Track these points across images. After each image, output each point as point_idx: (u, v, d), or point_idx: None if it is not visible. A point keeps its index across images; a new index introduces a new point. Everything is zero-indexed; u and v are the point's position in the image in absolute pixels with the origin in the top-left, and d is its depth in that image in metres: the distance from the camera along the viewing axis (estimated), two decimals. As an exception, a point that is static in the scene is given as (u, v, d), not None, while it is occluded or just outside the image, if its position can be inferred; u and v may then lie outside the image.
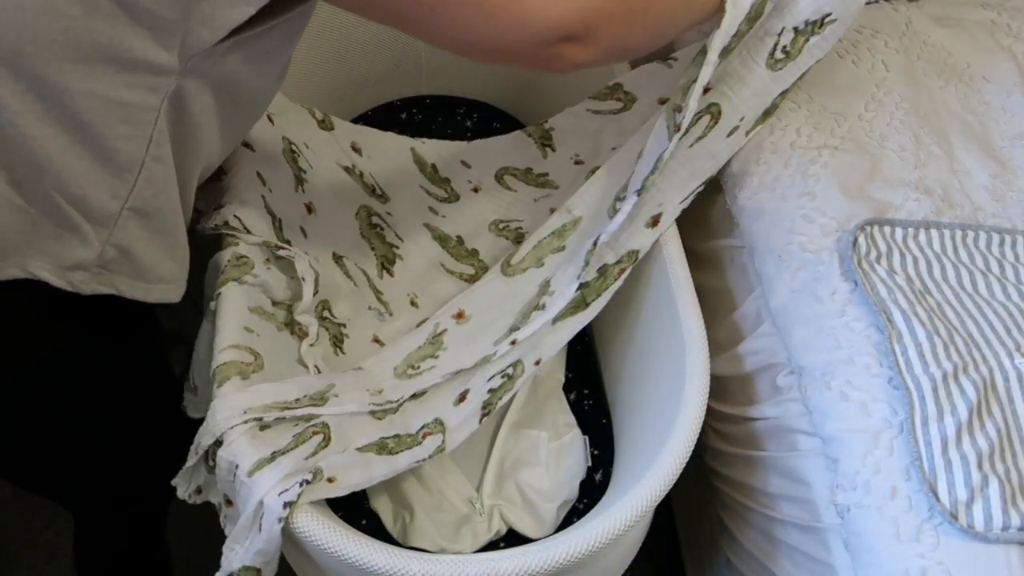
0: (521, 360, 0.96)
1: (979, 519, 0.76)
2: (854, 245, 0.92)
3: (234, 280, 0.88)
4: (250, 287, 0.91)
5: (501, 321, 1.00)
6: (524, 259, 1.02)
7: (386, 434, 0.88)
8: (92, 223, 0.72)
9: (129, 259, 0.76)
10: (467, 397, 0.93)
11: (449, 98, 1.40)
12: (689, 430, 0.79)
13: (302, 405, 0.83)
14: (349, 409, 0.87)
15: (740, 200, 1.04)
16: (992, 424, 0.81)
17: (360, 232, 1.12)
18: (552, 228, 1.01)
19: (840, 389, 0.85)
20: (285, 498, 0.71)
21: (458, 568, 0.68)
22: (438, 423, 0.92)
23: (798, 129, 1.07)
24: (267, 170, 1.02)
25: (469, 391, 0.94)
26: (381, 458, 0.85)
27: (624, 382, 1.06)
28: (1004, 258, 0.96)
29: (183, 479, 0.84)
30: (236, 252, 0.91)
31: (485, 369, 0.95)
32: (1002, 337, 0.87)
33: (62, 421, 0.82)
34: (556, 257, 1.00)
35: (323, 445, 0.81)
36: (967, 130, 1.12)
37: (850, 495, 0.81)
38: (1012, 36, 1.26)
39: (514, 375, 0.95)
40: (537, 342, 0.96)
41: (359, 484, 0.80)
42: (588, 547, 0.70)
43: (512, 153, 1.20)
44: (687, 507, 1.26)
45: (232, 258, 0.90)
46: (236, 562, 0.73)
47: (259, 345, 0.87)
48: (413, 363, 0.99)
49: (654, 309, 0.98)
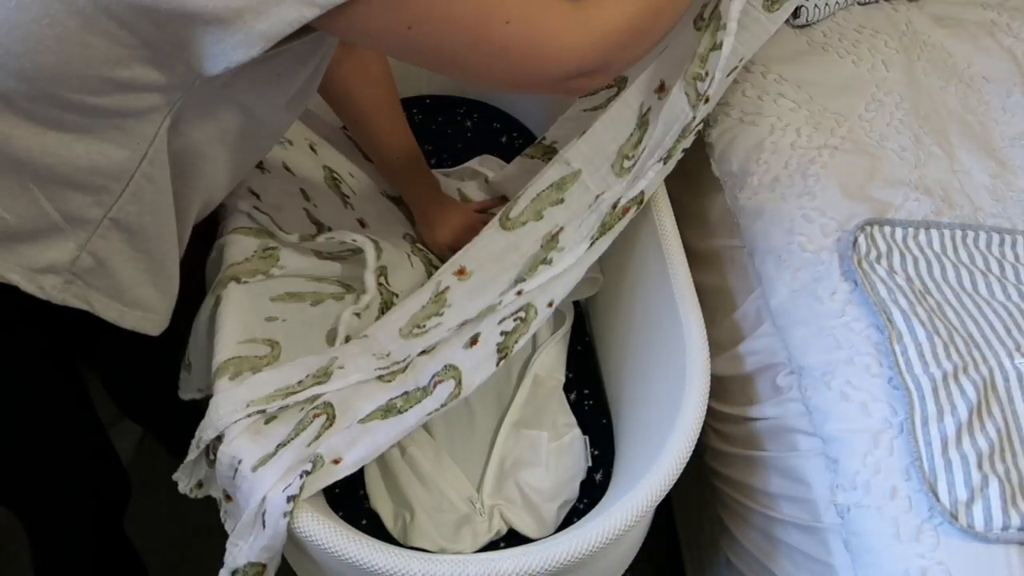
0: (532, 303, 0.95)
1: (979, 519, 0.76)
2: (854, 245, 0.92)
3: (260, 272, 0.89)
4: (273, 280, 0.91)
5: (504, 275, 0.99)
6: (523, 212, 1.00)
7: (394, 395, 0.87)
8: (70, 223, 0.71)
9: (106, 273, 0.75)
10: (479, 340, 0.92)
11: (449, 98, 1.40)
12: (689, 430, 0.79)
13: (305, 387, 0.83)
14: (354, 379, 0.86)
15: (740, 200, 1.04)
16: (992, 424, 0.81)
17: (408, 253, 1.14)
18: (551, 180, 1.00)
19: (840, 389, 0.85)
20: (288, 492, 0.71)
21: (458, 568, 0.68)
22: (450, 368, 0.90)
23: (798, 129, 1.07)
24: (311, 190, 1.04)
25: (480, 334, 0.93)
26: (386, 422, 0.84)
27: (624, 382, 1.06)
28: (1004, 258, 0.96)
29: (184, 473, 0.84)
30: (266, 244, 0.91)
31: (492, 316, 0.94)
32: (1002, 337, 0.87)
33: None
34: (555, 210, 1.00)
35: (327, 425, 0.81)
36: (967, 130, 1.12)
37: (850, 495, 0.81)
38: (1012, 36, 1.26)
39: (527, 318, 0.94)
40: (546, 286, 0.96)
41: (366, 457, 0.80)
42: (588, 547, 0.70)
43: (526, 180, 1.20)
44: (687, 507, 1.26)
45: (260, 249, 0.91)
46: (241, 558, 0.73)
47: (282, 332, 0.87)
48: (418, 323, 0.97)
49: (654, 309, 0.98)
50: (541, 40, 0.68)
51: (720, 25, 0.88)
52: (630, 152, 0.96)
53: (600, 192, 0.96)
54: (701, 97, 0.89)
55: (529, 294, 0.94)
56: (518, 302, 0.94)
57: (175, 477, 0.84)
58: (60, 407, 0.88)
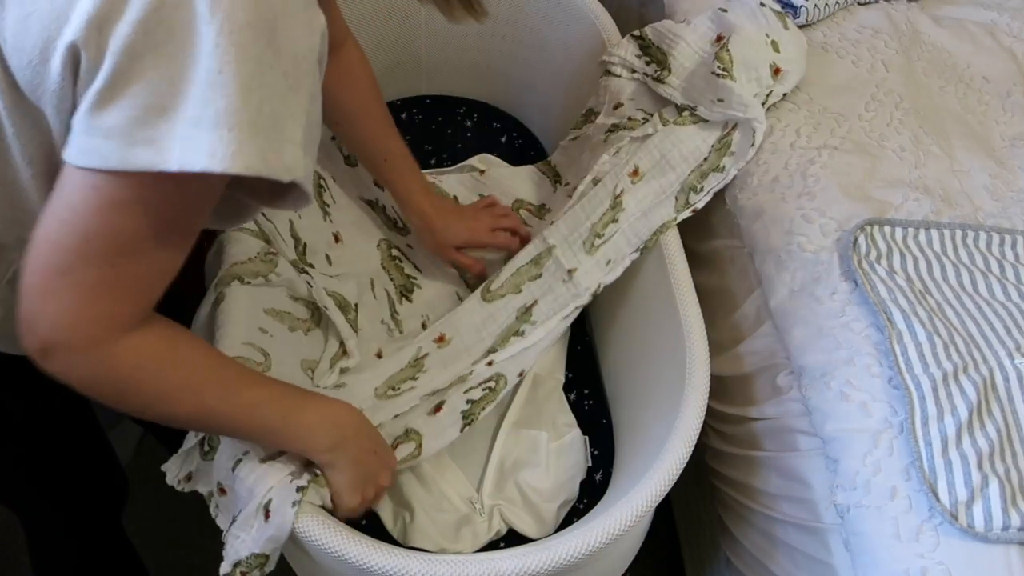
0: (503, 374, 0.99)
1: (979, 519, 0.76)
2: (854, 245, 0.92)
3: (262, 275, 0.89)
4: (270, 287, 0.91)
5: (479, 345, 1.04)
6: (503, 285, 1.07)
7: None
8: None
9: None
10: (442, 408, 0.95)
11: (449, 98, 1.40)
12: (689, 430, 0.79)
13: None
14: None
15: (740, 200, 1.04)
16: (992, 424, 0.81)
17: (381, 263, 1.16)
18: (530, 256, 1.07)
19: (840, 389, 0.85)
20: (298, 483, 0.72)
21: (458, 568, 0.68)
22: (411, 432, 0.93)
23: (798, 129, 1.07)
24: None
25: (444, 403, 0.96)
26: None
27: (624, 382, 1.06)
28: (1004, 258, 0.96)
29: (174, 464, 0.83)
30: (267, 249, 0.91)
31: (459, 386, 0.98)
32: (1002, 337, 0.87)
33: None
34: (532, 284, 1.06)
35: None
36: (967, 130, 1.12)
37: (850, 495, 0.81)
38: (1012, 36, 1.26)
39: (496, 387, 0.98)
40: (517, 357, 1.00)
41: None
42: (588, 547, 0.70)
43: (526, 186, 1.25)
44: (687, 507, 1.26)
45: (262, 252, 0.91)
46: (244, 550, 0.73)
47: (270, 346, 0.87)
48: (394, 384, 1.01)
49: (654, 309, 0.98)
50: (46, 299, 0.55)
51: (728, 152, 1.01)
52: (601, 231, 1.03)
53: (572, 268, 1.03)
54: (690, 207, 1.00)
55: (500, 364, 1.00)
56: (488, 372, 0.99)
57: (164, 467, 0.83)
58: (57, 406, 0.88)
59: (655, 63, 1.09)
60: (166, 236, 0.56)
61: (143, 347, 0.59)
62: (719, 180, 1.02)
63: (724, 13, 1.07)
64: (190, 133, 0.50)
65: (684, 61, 1.06)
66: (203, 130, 0.50)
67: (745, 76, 1.02)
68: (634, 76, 1.12)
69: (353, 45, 1.00)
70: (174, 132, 0.50)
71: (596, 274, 1.01)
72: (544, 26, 1.26)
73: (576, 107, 1.21)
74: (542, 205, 1.24)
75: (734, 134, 1.02)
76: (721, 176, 1.02)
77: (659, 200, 1.01)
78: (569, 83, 1.27)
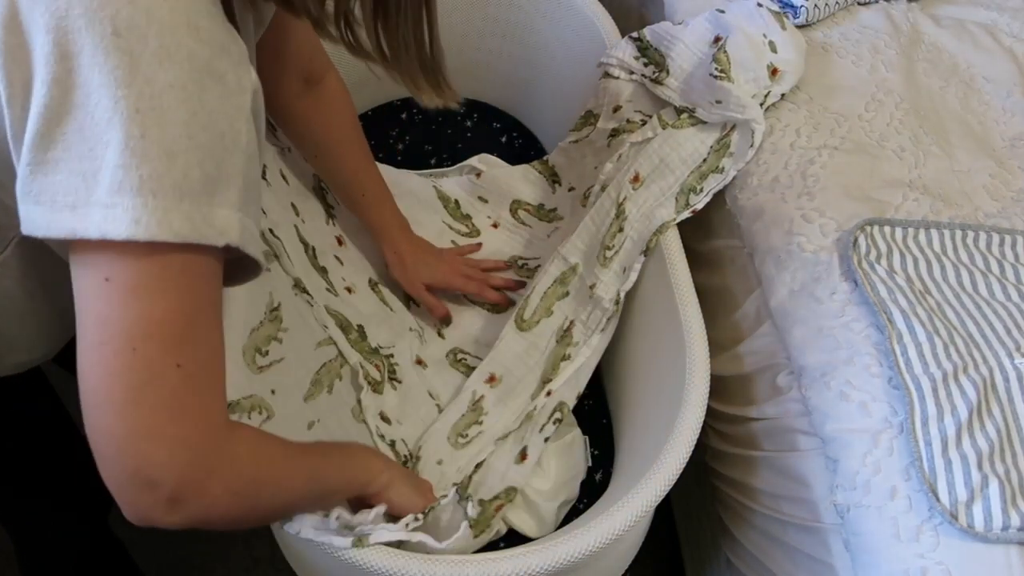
0: (564, 401, 1.01)
1: (979, 519, 0.76)
2: (854, 245, 0.92)
3: (274, 339, 0.87)
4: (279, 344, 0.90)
5: (530, 376, 1.06)
6: (535, 312, 1.08)
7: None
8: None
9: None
10: (527, 454, 0.96)
11: (449, 98, 1.40)
12: (689, 430, 0.79)
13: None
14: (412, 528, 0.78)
15: (740, 200, 1.04)
16: (992, 424, 0.81)
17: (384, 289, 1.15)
18: (554, 277, 1.08)
19: (840, 389, 0.85)
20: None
21: (458, 568, 0.68)
22: (510, 491, 0.93)
23: (798, 129, 1.07)
24: (300, 201, 1.04)
25: (527, 447, 0.97)
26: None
27: (624, 382, 1.06)
28: (1004, 258, 0.96)
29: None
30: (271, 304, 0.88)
31: (531, 426, 0.99)
32: (1002, 337, 0.87)
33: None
34: (562, 303, 1.08)
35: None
36: (967, 130, 1.12)
37: (850, 495, 0.81)
38: (1012, 36, 1.26)
39: (563, 417, 1.00)
40: (571, 380, 1.03)
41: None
42: (588, 547, 0.70)
43: (523, 187, 1.26)
44: (687, 507, 1.26)
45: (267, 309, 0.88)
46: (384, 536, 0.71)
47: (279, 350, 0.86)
48: (461, 431, 1.03)
49: (654, 309, 0.98)
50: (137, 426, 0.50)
51: (727, 153, 1.02)
52: (610, 242, 1.04)
53: (592, 283, 1.04)
54: (690, 207, 1.01)
55: (558, 392, 1.02)
56: (551, 403, 1.01)
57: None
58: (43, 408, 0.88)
59: (653, 65, 1.09)
60: (196, 314, 0.52)
61: (245, 436, 0.58)
62: (718, 181, 1.02)
63: (721, 14, 1.07)
64: (113, 200, 0.47)
65: (682, 63, 1.07)
66: (126, 196, 0.47)
67: (742, 77, 1.02)
68: (632, 78, 1.12)
69: (334, 78, 0.98)
70: (97, 199, 0.47)
71: (614, 284, 1.03)
72: (544, 26, 1.27)
73: (576, 107, 1.21)
74: (541, 205, 1.24)
75: (733, 135, 1.02)
76: (720, 177, 1.02)
77: (659, 202, 1.02)
78: (569, 83, 1.27)
